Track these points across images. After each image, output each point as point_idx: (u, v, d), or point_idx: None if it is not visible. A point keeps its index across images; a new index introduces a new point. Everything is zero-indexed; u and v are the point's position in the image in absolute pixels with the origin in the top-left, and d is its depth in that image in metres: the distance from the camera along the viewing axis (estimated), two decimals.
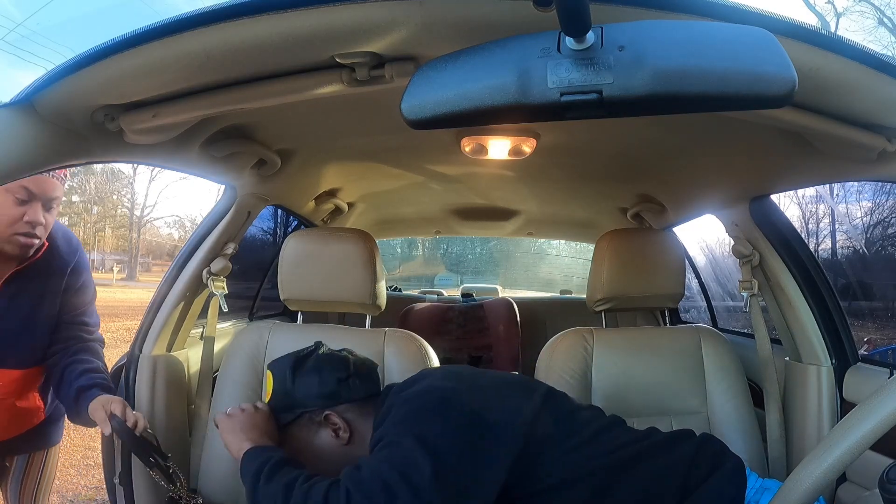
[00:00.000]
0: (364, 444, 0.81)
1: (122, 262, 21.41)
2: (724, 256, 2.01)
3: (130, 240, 21.77)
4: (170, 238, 22.92)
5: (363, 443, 0.81)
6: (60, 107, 0.68)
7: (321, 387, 0.85)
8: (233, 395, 1.17)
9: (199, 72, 0.65)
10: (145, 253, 22.88)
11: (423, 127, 0.49)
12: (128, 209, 21.98)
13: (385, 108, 0.93)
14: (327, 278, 1.20)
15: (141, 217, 21.93)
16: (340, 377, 0.86)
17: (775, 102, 0.43)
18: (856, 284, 2.25)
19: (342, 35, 0.58)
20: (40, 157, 0.71)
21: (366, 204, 2.01)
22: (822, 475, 0.50)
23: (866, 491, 0.77)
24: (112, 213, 21.91)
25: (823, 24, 11.90)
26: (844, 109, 0.68)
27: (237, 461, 0.78)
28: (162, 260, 22.09)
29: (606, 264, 1.22)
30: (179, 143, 0.91)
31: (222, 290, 1.27)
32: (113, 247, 22.19)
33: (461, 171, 1.55)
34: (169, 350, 1.25)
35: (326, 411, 0.83)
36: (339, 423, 0.83)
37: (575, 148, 1.28)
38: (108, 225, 21.70)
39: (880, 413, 0.49)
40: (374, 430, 0.78)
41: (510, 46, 0.47)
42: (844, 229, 2.43)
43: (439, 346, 1.30)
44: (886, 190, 2.20)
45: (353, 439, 0.83)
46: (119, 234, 22.04)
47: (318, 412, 0.83)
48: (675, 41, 0.43)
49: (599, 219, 2.10)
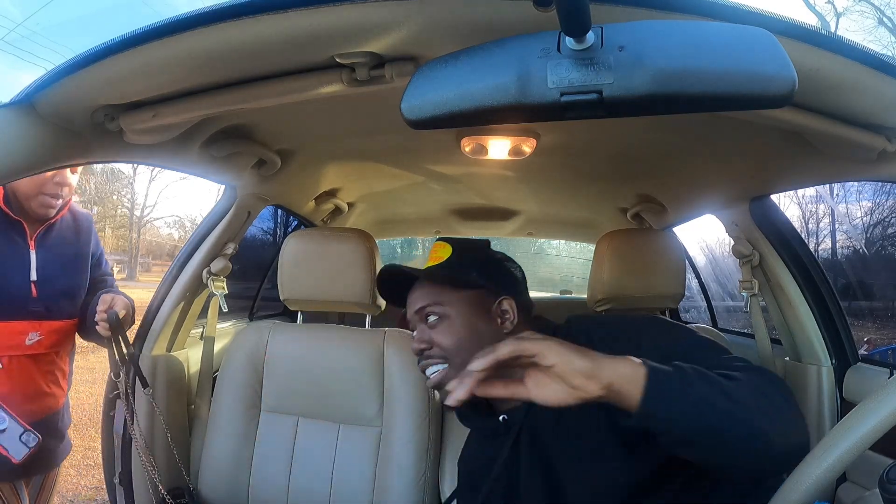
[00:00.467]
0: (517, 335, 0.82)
1: (122, 263, 21.39)
2: (724, 256, 2.01)
3: (130, 240, 21.76)
4: (170, 238, 22.91)
5: (520, 331, 0.81)
6: (60, 107, 0.68)
7: (506, 276, 0.88)
8: (233, 395, 1.17)
9: (199, 72, 0.65)
10: (145, 253, 22.86)
11: (423, 127, 0.49)
12: (128, 209, 21.97)
13: (385, 108, 0.93)
14: (327, 278, 1.20)
15: (141, 217, 21.92)
16: (520, 275, 0.90)
17: (775, 102, 0.43)
18: (856, 284, 2.25)
19: (342, 35, 0.58)
20: (40, 157, 0.71)
21: (366, 204, 2.01)
22: (822, 475, 0.50)
23: (866, 491, 0.77)
24: (112, 214, 21.89)
25: (823, 24, 11.90)
26: (844, 109, 0.68)
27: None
28: (162, 260, 22.08)
29: (607, 264, 1.22)
30: (179, 143, 0.91)
31: (222, 290, 1.28)
32: (113, 247, 22.17)
33: (461, 171, 1.55)
34: (169, 350, 1.25)
35: (503, 296, 0.84)
36: (510, 311, 0.83)
37: (575, 148, 1.28)
38: (108, 225, 21.68)
39: (880, 413, 0.49)
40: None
41: (510, 46, 0.47)
42: (844, 229, 2.43)
43: None
44: (886, 190, 2.20)
45: (512, 330, 0.83)
46: (119, 234, 22.02)
47: (494, 295, 0.84)
48: (675, 41, 0.43)
49: (599, 219, 2.09)
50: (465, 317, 0.82)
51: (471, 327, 0.81)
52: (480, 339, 0.80)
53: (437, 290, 0.84)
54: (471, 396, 0.71)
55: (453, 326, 0.81)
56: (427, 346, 0.82)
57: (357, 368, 1.15)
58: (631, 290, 1.24)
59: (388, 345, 1.16)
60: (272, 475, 1.14)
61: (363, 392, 1.14)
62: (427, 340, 0.82)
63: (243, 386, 1.17)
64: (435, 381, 0.81)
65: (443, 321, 0.82)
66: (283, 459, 1.14)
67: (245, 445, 1.15)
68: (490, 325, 0.82)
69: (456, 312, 0.82)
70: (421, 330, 0.84)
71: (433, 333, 0.82)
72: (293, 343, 1.19)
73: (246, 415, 1.17)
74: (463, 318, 0.81)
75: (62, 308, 1.17)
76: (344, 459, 1.13)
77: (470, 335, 0.80)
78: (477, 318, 0.82)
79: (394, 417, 1.12)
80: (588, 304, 1.31)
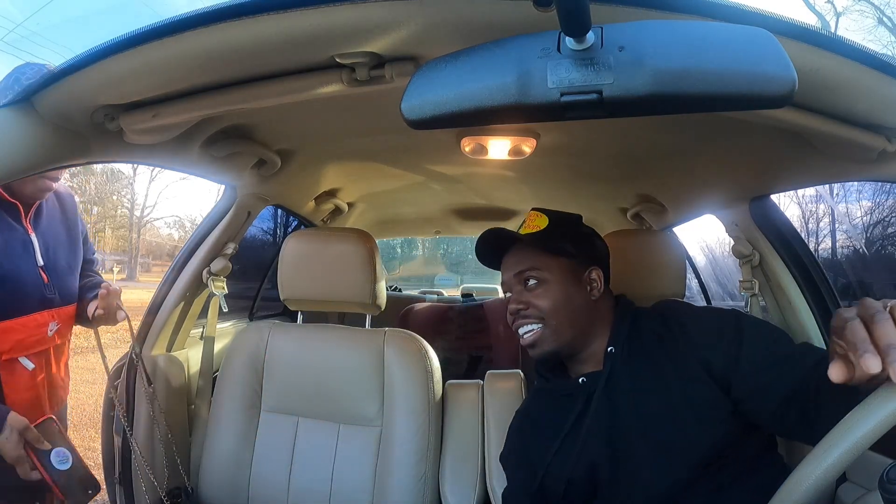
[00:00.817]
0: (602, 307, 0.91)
1: (122, 263, 21.39)
2: (724, 256, 2.00)
3: (130, 240, 21.76)
4: (170, 238, 22.91)
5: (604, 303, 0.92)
6: (60, 107, 0.68)
7: (595, 249, 0.96)
8: (233, 395, 1.17)
9: (199, 72, 0.65)
10: (145, 253, 22.87)
11: (423, 127, 0.49)
12: (128, 209, 21.97)
13: (385, 108, 0.93)
14: (327, 278, 1.20)
15: (141, 217, 21.92)
16: (605, 250, 0.98)
17: (775, 102, 0.43)
18: (856, 284, 2.24)
19: (342, 35, 0.58)
20: (40, 157, 0.71)
21: (366, 204, 2.01)
22: (822, 475, 0.50)
23: (866, 491, 0.77)
24: (112, 214, 21.89)
25: (823, 24, 11.90)
26: (844, 109, 0.68)
27: None
28: (162, 260, 22.08)
29: None
30: (179, 143, 0.91)
31: (222, 290, 1.28)
32: (113, 247, 22.17)
33: (461, 171, 1.55)
34: (169, 350, 1.25)
35: (592, 266, 0.92)
36: (598, 280, 0.91)
37: (575, 148, 1.28)
38: (108, 225, 21.68)
39: (880, 413, 0.49)
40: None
41: (510, 46, 0.47)
42: (844, 229, 2.43)
43: (439, 346, 1.30)
44: (886, 190, 2.20)
45: (599, 298, 0.91)
46: (119, 234, 22.02)
47: (585, 265, 0.92)
48: (675, 41, 0.43)
49: (599, 219, 2.09)
50: (561, 282, 0.89)
51: (565, 292, 0.88)
52: (572, 303, 0.88)
53: (535, 255, 0.91)
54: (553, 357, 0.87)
55: (550, 290, 0.88)
56: (524, 306, 0.88)
57: (357, 368, 1.15)
58: (631, 290, 1.23)
59: (388, 345, 1.16)
60: (272, 475, 1.14)
61: (363, 392, 1.14)
62: (524, 301, 0.88)
63: (243, 386, 1.17)
64: (530, 340, 0.88)
65: (541, 285, 0.88)
66: (283, 459, 1.14)
67: (245, 445, 1.15)
68: (581, 291, 0.90)
69: (553, 277, 0.89)
70: (518, 292, 0.90)
71: (530, 296, 0.88)
72: (293, 343, 1.19)
73: (246, 415, 1.17)
74: (559, 284, 0.88)
75: (70, 291, 1.14)
76: (344, 459, 1.13)
77: (565, 299, 0.88)
78: (570, 284, 0.89)
79: (394, 417, 1.12)
80: None
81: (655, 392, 0.81)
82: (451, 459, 1.13)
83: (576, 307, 0.88)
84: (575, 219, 0.99)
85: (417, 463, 1.09)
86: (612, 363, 0.86)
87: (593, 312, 0.90)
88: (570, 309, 0.88)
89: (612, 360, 0.86)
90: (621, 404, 0.83)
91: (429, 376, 1.14)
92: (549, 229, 0.92)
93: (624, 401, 0.83)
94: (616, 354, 0.86)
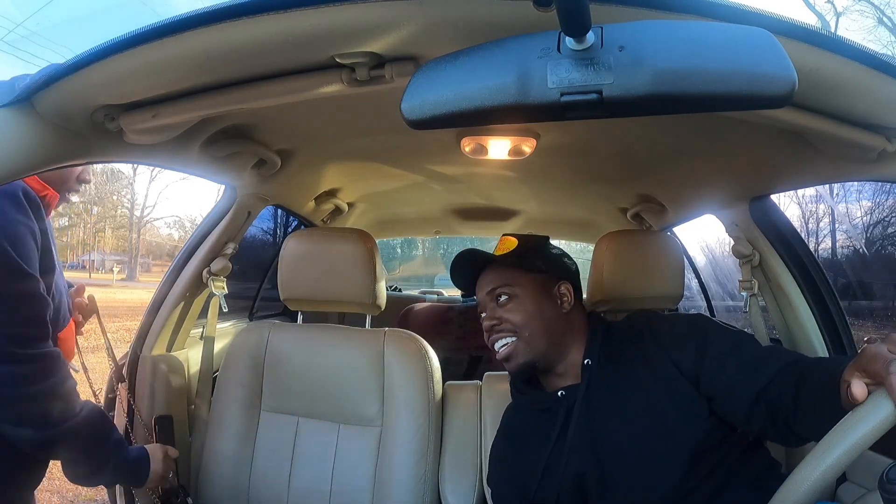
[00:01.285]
0: (574, 319, 0.95)
1: (122, 263, 21.41)
2: (724, 256, 2.00)
3: (130, 240, 21.77)
4: (170, 238, 22.92)
5: (576, 316, 0.95)
6: (60, 107, 0.68)
7: (565, 266, 1.01)
8: (233, 395, 1.17)
9: (199, 72, 0.65)
10: (145, 253, 22.88)
11: (423, 127, 0.49)
12: (128, 209, 21.98)
13: (385, 108, 0.93)
14: (327, 278, 1.20)
15: (141, 217, 21.93)
16: (574, 268, 1.03)
17: (775, 102, 0.43)
18: (856, 284, 2.24)
19: (342, 35, 0.58)
20: (40, 157, 0.71)
21: (366, 204, 2.01)
22: (822, 475, 0.50)
23: (866, 491, 0.76)
24: (112, 214, 21.90)
25: (823, 24, 11.90)
26: (844, 109, 0.68)
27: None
28: (162, 260, 22.09)
29: (606, 265, 1.22)
30: (179, 143, 0.91)
31: (222, 290, 1.28)
32: (113, 247, 22.19)
33: (461, 171, 1.55)
34: (169, 350, 1.25)
35: (562, 281, 0.96)
36: (568, 294, 0.95)
37: (575, 148, 1.28)
38: (108, 225, 21.70)
39: (880, 413, 0.49)
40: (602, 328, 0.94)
41: (510, 46, 0.47)
42: (844, 229, 2.43)
43: (439, 346, 1.30)
44: (886, 190, 2.20)
45: (570, 311, 0.95)
46: (119, 234, 22.04)
47: (555, 279, 0.96)
48: (675, 41, 0.43)
49: (599, 219, 2.09)
50: (532, 296, 0.92)
51: (537, 305, 0.92)
52: (544, 315, 0.91)
53: (507, 273, 0.95)
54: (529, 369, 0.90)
55: (522, 304, 0.92)
56: (497, 322, 0.92)
57: (357, 368, 1.15)
58: (630, 290, 1.24)
59: (388, 345, 1.16)
60: (272, 475, 1.14)
61: (363, 392, 1.14)
62: (497, 317, 0.92)
63: (243, 386, 1.17)
64: (505, 353, 0.91)
65: (512, 300, 0.92)
66: (284, 459, 1.14)
67: (245, 445, 1.15)
68: (552, 304, 0.94)
69: (524, 292, 0.93)
70: (491, 309, 0.94)
71: (502, 311, 0.92)
72: (293, 343, 1.19)
73: (246, 415, 1.17)
74: (530, 297, 0.92)
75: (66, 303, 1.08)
76: (344, 459, 1.13)
77: (537, 312, 0.91)
78: (541, 297, 0.93)
79: (394, 417, 1.12)
80: (587, 304, 1.31)
81: (634, 397, 0.83)
82: (451, 459, 1.13)
83: (547, 319, 0.91)
84: (543, 240, 1.04)
85: (417, 463, 1.09)
86: (590, 375, 0.88)
87: (566, 325, 0.93)
88: (542, 321, 0.91)
89: (589, 372, 0.88)
90: (602, 414, 0.85)
91: (429, 376, 1.14)
92: (519, 249, 0.97)
93: (604, 410, 0.85)
94: (592, 366, 0.88)
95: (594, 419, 0.85)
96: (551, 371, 0.93)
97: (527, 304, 0.91)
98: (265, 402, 1.18)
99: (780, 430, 0.73)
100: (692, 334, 0.85)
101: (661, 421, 0.80)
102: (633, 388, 0.84)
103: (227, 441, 1.15)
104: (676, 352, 0.84)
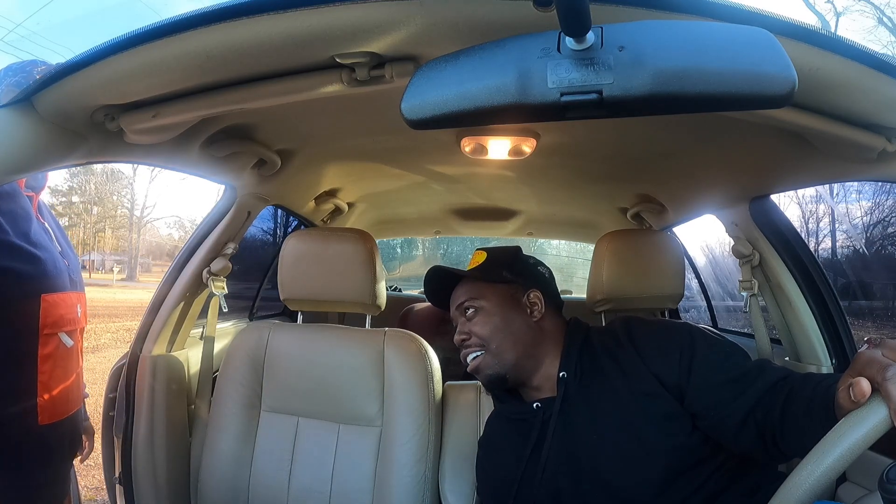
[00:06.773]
0: (547, 328, 0.93)
1: (122, 263, 21.41)
2: (724, 256, 2.00)
3: (130, 240, 21.77)
4: (170, 238, 22.93)
5: (550, 324, 0.94)
6: (60, 107, 0.68)
7: (535, 274, 1.00)
8: (233, 395, 1.17)
9: (199, 72, 0.65)
10: (145, 253, 22.88)
11: (423, 127, 0.49)
12: (128, 210, 21.98)
13: (385, 108, 0.93)
14: (327, 278, 1.20)
15: (141, 217, 21.94)
16: (548, 275, 1.03)
17: (775, 102, 0.43)
18: (856, 284, 2.24)
19: (342, 35, 0.58)
20: (40, 157, 0.71)
21: (366, 204, 2.01)
22: (822, 475, 0.50)
23: (866, 491, 0.77)
24: (112, 214, 21.90)
25: (823, 24, 11.90)
26: (844, 109, 0.68)
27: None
28: (162, 260, 22.10)
29: (606, 265, 1.22)
30: (179, 143, 0.91)
31: (222, 290, 1.28)
32: (113, 247, 22.19)
33: (461, 171, 1.55)
34: (169, 350, 1.25)
35: (532, 289, 0.96)
36: (538, 302, 0.95)
37: (575, 148, 1.28)
38: (108, 225, 21.70)
39: (880, 413, 0.49)
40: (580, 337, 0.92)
41: (510, 46, 0.47)
42: (844, 229, 2.43)
43: (439, 346, 1.30)
44: (886, 190, 2.20)
45: (542, 319, 0.94)
46: (119, 234, 22.04)
47: (523, 289, 0.96)
48: (675, 41, 0.43)
49: (599, 219, 2.09)
50: (499, 307, 0.93)
51: (503, 316, 0.92)
52: (511, 326, 0.91)
53: (474, 287, 0.96)
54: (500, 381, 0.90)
55: (488, 316, 0.92)
56: (467, 336, 0.93)
57: (357, 368, 1.15)
58: (630, 290, 1.24)
59: (388, 345, 1.16)
60: (272, 475, 1.14)
61: (363, 392, 1.14)
62: (467, 332, 0.93)
63: (243, 386, 1.17)
64: (474, 366, 0.91)
65: (478, 312, 0.93)
66: (284, 459, 1.14)
67: (245, 445, 1.15)
68: (521, 314, 0.93)
69: (490, 304, 0.93)
70: (461, 323, 0.95)
71: (471, 325, 0.93)
72: (293, 343, 1.19)
73: (246, 415, 1.17)
74: (497, 308, 0.92)
75: (80, 279, 1.14)
76: (344, 459, 1.13)
77: (503, 323, 0.91)
78: (508, 308, 0.93)
79: (394, 417, 1.12)
80: (587, 304, 1.31)
81: (611, 411, 0.82)
82: (451, 459, 1.13)
83: (516, 329, 0.91)
84: (514, 250, 1.04)
85: (417, 463, 1.09)
86: (566, 388, 0.86)
87: (537, 334, 0.92)
88: (510, 332, 0.91)
89: (564, 384, 0.87)
90: (578, 427, 0.84)
91: (429, 376, 1.14)
92: (486, 262, 0.98)
93: (580, 423, 0.84)
94: (568, 379, 0.87)
95: (570, 434, 0.84)
96: (526, 384, 0.92)
97: (493, 316, 0.91)
98: (265, 402, 1.18)
99: (768, 447, 0.71)
100: (677, 346, 0.82)
101: (638, 436, 0.78)
102: (611, 402, 0.82)
103: (226, 441, 1.15)
104: (658, 364, 0.81)
